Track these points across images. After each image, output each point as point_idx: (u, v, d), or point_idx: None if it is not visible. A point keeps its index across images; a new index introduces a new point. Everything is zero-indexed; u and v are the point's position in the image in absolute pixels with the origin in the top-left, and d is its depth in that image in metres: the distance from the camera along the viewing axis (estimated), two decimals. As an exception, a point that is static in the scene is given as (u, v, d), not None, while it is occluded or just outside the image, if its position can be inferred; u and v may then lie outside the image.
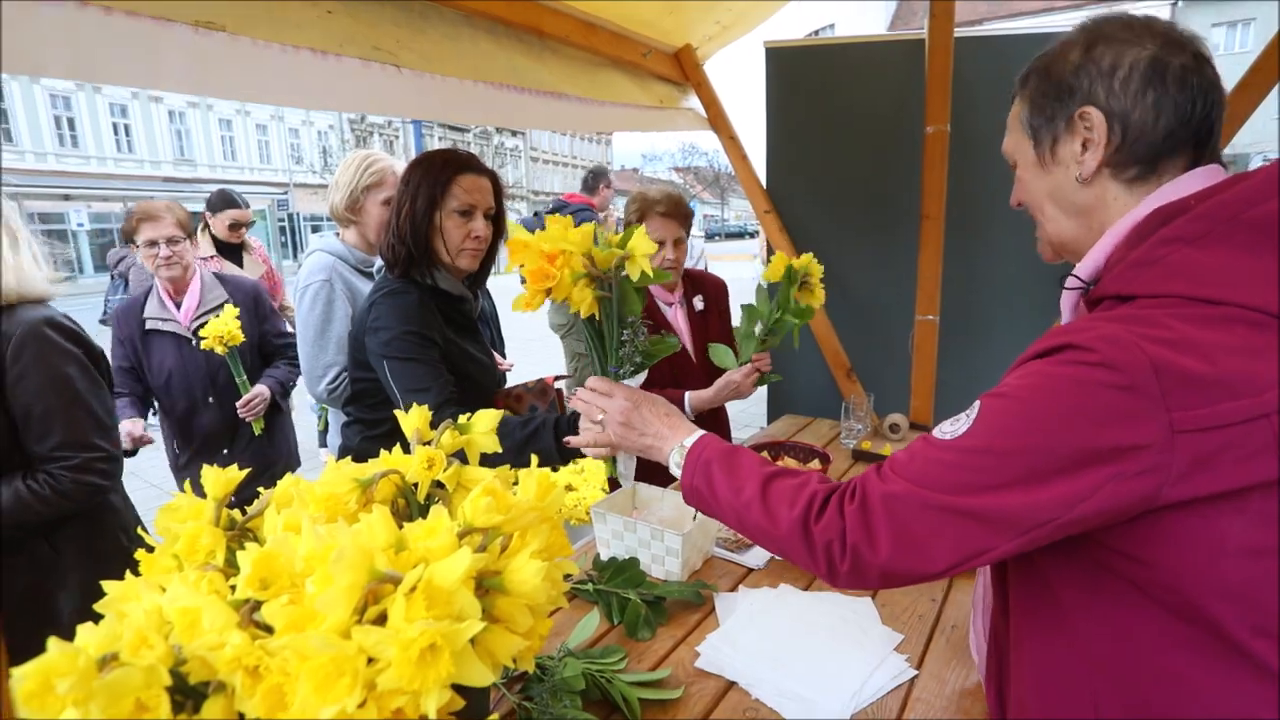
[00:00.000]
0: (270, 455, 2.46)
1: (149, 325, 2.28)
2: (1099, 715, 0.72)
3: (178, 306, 2.31)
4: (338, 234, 2.13)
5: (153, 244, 2.25)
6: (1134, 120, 0.75)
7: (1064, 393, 0.65)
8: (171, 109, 25.26)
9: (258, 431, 2.40)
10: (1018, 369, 0.72)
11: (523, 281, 1.10)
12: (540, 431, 1.38)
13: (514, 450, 1.34)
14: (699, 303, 2.20)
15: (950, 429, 0.73)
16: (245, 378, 2.29)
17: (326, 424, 2.64)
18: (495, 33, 2.03)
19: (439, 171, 1.55)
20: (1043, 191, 0.84)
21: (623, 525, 1.43)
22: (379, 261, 2.15)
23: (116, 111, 23.83)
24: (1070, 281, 0.81)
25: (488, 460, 0.86)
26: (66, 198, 22.23)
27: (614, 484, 2.67)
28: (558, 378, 1.89)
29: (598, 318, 1.19)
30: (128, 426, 2.11)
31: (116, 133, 23.90)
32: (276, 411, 2.48)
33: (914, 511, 0.71)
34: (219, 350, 2.19)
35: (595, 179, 4.65)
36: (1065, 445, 0.64)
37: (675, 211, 2.06)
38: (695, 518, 1.40)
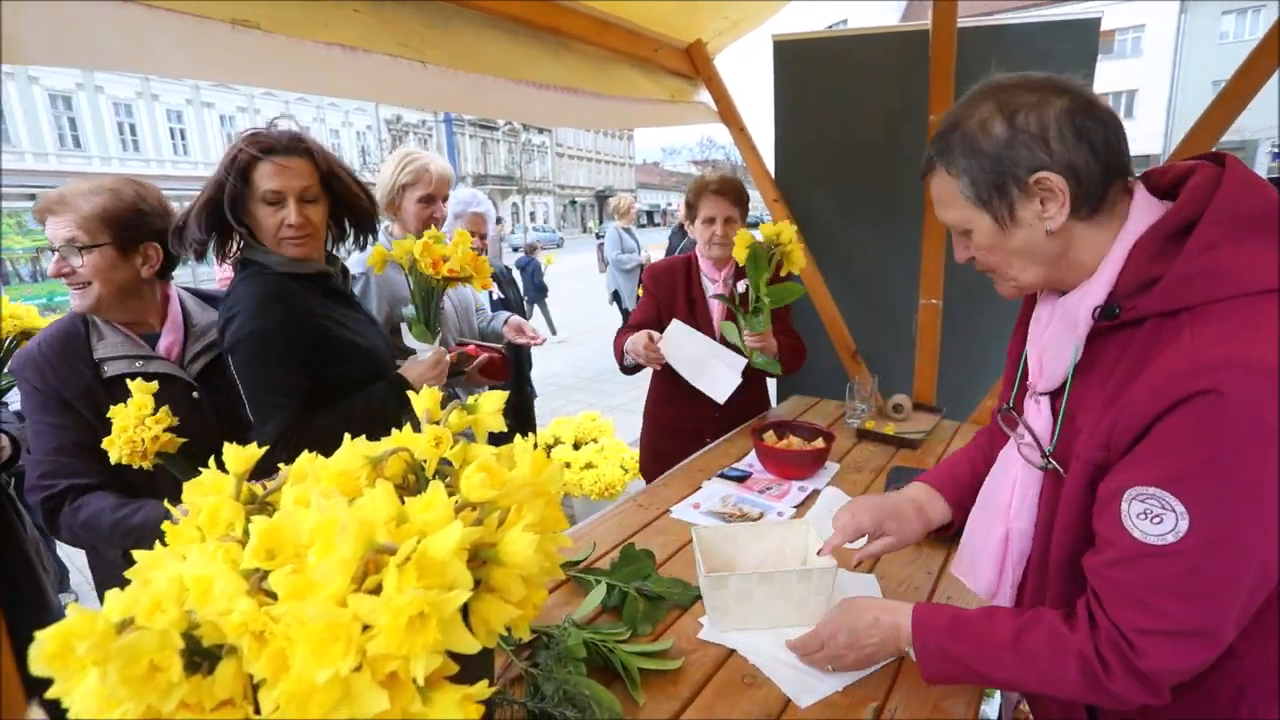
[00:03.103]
0: None
1: (110, 370, 1.31)
2: None
3: (149, 343, 1.37)
4: (388, 228, 2.11)
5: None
6: (1080, 168, 0.77)
7: (1250, 445, 0.66)
8: (223, 114, 25.45)
9: None
10: (1166, 436, 0.70)
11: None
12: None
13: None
14: (741, 285, 2.06)
15: (1155, 530, 0.70)
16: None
17: None
18: (515, 32, 2.01)
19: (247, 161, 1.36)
20: (1008, 251, 0.84)
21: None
22: None
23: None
24: (1094, 312, 0.80)
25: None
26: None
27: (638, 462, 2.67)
28: (481, 346, 1.89)
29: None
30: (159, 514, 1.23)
31: (173, 137, 24.19)
32: None
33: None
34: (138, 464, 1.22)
35: None
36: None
37: (726, 189, 2.04)
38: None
